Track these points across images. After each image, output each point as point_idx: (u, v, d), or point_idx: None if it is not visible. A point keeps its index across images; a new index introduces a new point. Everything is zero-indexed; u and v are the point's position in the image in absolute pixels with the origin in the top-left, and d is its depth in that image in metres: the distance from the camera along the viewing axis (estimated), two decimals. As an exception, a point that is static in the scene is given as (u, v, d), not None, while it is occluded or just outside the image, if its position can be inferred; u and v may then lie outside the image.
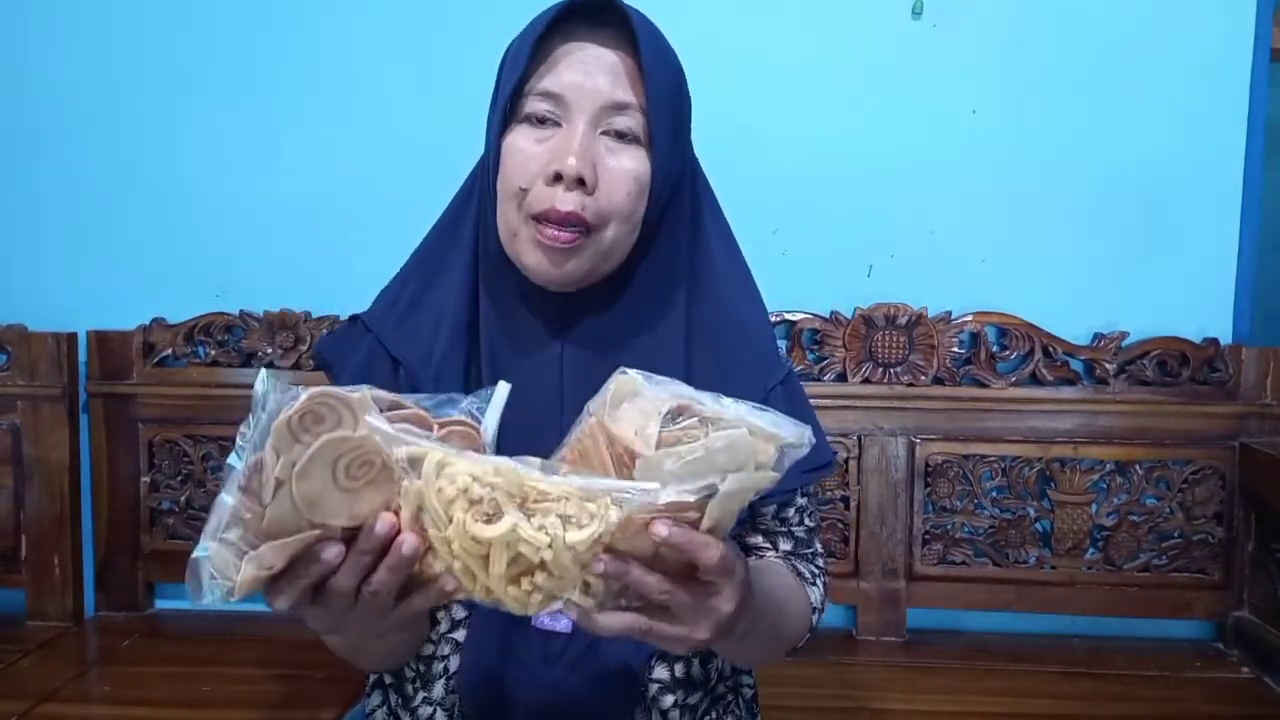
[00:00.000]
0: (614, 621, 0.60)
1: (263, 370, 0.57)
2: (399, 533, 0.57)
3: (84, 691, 1.45)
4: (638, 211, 0.81)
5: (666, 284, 0.87)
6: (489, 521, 0.54)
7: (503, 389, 0.64)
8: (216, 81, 1.70)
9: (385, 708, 0.95)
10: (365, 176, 1.69)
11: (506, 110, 0.80)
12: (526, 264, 0.81)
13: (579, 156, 0.77)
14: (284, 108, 1.70)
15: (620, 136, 0.80)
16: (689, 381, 0.67)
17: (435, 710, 0.89)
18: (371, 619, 0.62)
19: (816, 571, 0.93)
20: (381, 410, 0.57)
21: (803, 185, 1.65)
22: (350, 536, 0.57)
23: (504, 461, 0.54)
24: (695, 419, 0.56)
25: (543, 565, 0.54)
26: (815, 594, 0.91)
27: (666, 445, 0.56)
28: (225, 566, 0.54)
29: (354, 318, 0.91)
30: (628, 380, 0.61)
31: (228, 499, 0.54)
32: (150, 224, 1.73)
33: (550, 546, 0.54)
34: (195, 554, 0.54)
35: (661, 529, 0.56)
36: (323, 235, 1.71)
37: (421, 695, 0.90)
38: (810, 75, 1.63)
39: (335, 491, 0.55)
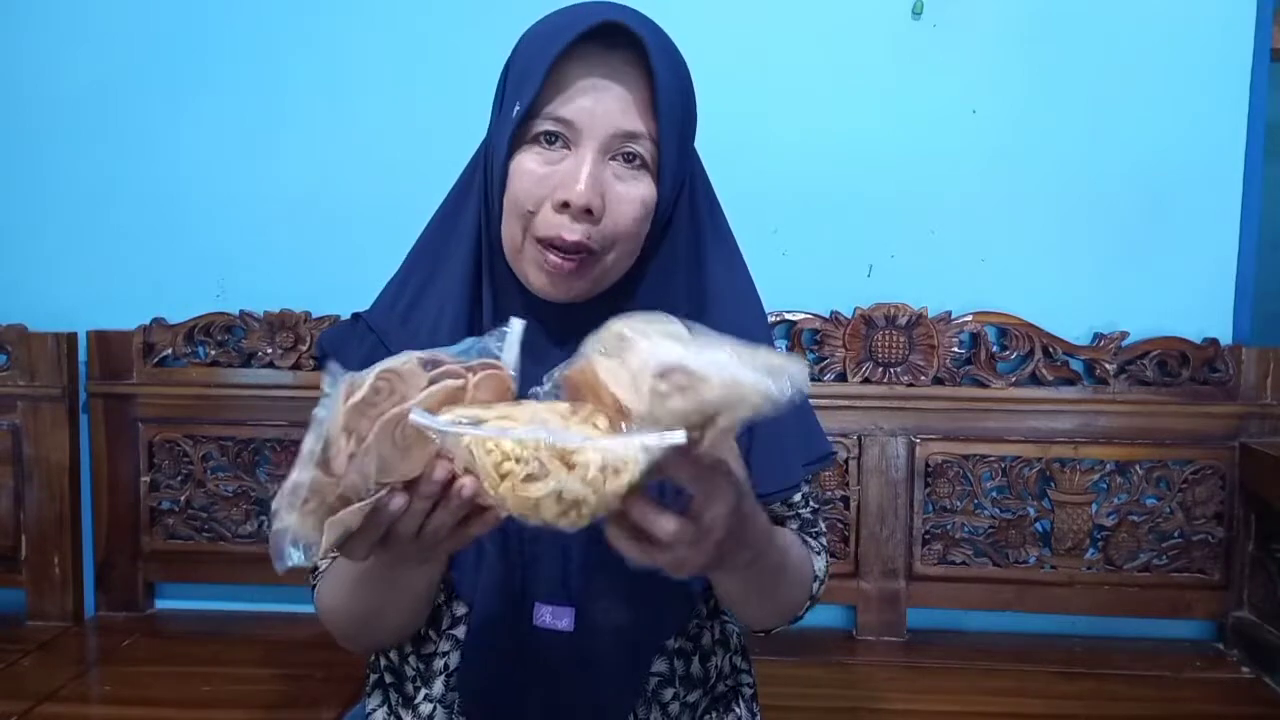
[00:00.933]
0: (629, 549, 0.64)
1: (331, 363, 0.62)
2: (454, 477, 0.61)
3: (84, 691, 1.45)
4: (641, 234, 0.82)
5: (666, 293, 0.87)
6: (535, 479, 0.58)
7: (516, 324, 0.68)
8: (216, 81, 1.70)
9: (385, 708, 0.95)
10: (365, 176, 1.69)
11: (515, 126, 0.79)
12: (530, 281, 0.82)
13: (588, 186, 0.76)
14: (284, 108, 1.70)
15: (629, 161, 0.79)
16: None
17: (435, 707, 0.89)
18: (430, 550, 0.66)
19: (821, 546, 0.94)
20: (425, 367, 0.63)
21: (803, 185, 1.65)
22: (410, 483, 0.63)
23: (543, 434, 0.58)
24: (684, 376, 0.58)
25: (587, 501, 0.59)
26: (819, 563, 0.92)
27: (659, 395, 0.58)
28: (307, 533, 0.60)
29: (356, 316, 0.91)
30: (620, 329, 0.62)
31: (305, 475, 0.59)
32: (150, 224, 1.73)
33: (594, 494, 0.58)
34: (275, 527, 0.60)
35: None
36: (323, 235, 1.71)
37: (423, 693, 0.90)
38: (810, 75, 1.63)
39: (395, 453, 0.61)
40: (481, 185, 0.86)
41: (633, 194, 0.79)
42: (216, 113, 1.70)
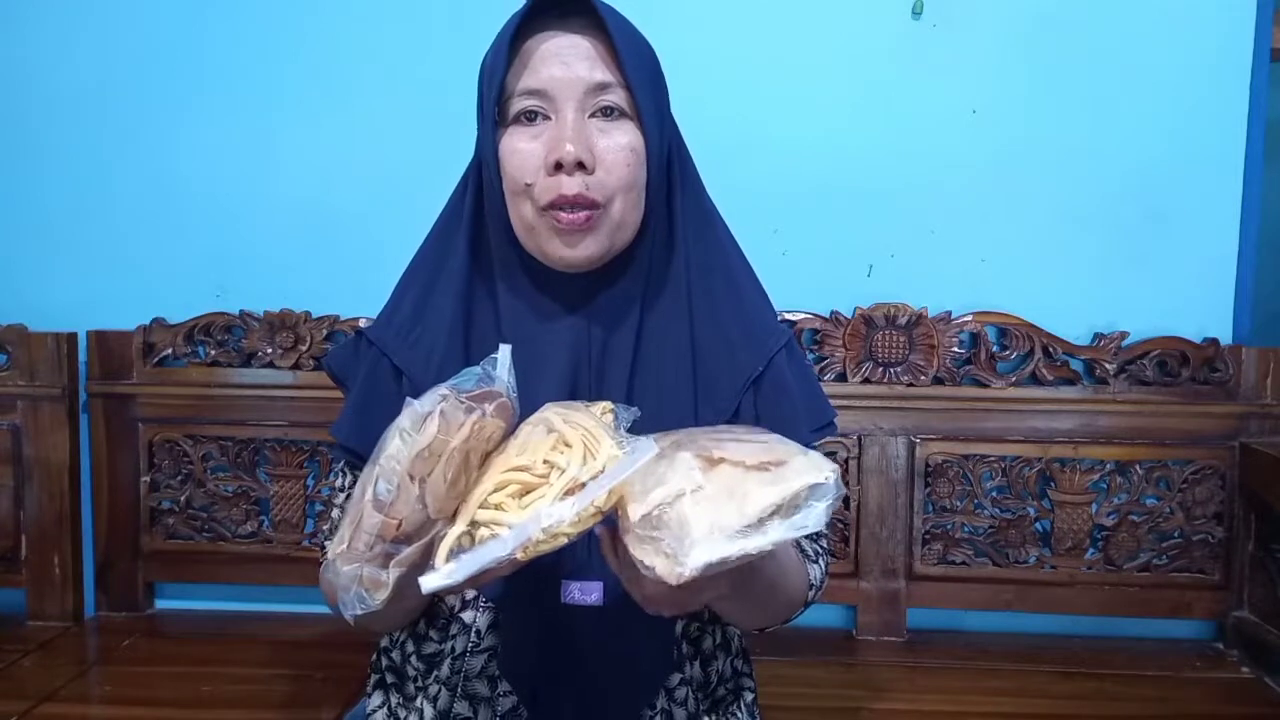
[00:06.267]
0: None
1: (404, 414, 0.67)
2: None
3: (84, 691, 1.45)
4: (640, 181, 0.84)
5: (666, 256, 0.89)
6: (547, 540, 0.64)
7: (505, 350, 0.73)
8: (216, 81, 1.70)
9: (386, 708, 0.96)
10: (365, 176, 1.69)
11: (495, 115, 0.83)
12: (548, 252, 0.84)
13: (573, 142, 0.80)
14: (283, 107, 1.70)
15: (608, 114, 0.83)
16: (695, 350, 0.86)
17: (440, 689, 0.90)
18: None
19: (820, 550, 0.95)
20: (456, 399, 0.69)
21: (803, 185, 1.65)
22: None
23: (533, 530, 0.63)
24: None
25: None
26: (815, 571, 0.93)
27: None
28: (374, 575, 0.64)
29: (358, 334, 0.93)
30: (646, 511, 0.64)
31: (372, 521, 0.64)
32: (150, 224, 1.73)
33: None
34: (338, 579, 0.64)
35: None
36: (323, 235, 1.71)
37: (433, 674, 0.91)
38: (810, 75, 1.63)
39: (445, 487, 0.65)
40: (475, 191, 0.88)
41: (619, 142, 0.82)
42: (217, 112, 1.70)
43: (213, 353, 1.71)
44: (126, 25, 1.70)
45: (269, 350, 1.69)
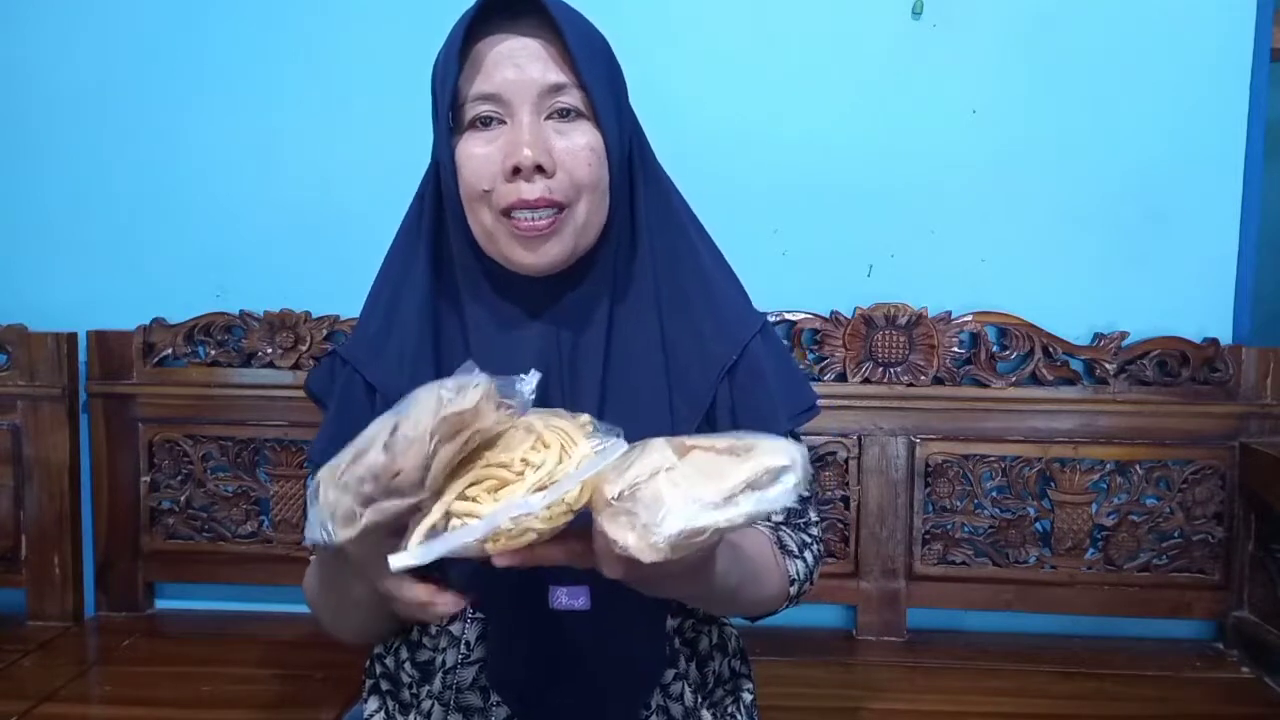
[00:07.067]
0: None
1: (469, 373, 0.65)
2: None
3: (84, 691, 1.45)
4: (602, 181, 0.83)
5: (631, 254, 0.88)
6: (518, 532, 0.64)
7: (534, 375, 0.71)
8: (216, 82, 1.70)
9: (383, 712, 0.96)
10: (365, 176, 1.69)
11: (449, 121, 0.82)
12: (510, 258, 0.82)
13: (531, 146, 0.78)
14: (284, 108, 1.70)
15: (565, 115, 0.81)
16: (666, 345, 0.84)
17: (433, 704, 0.89)
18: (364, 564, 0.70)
19: (807, 541, 0.92)
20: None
21: (802, 185, 1.65)
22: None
23: (502, 520, 0.62)
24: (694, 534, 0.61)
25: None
26: (797, 566, 0.90)
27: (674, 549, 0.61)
28: (347, 510, 0.63)
29: (333, 352, 0.93)
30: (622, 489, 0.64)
31: (376, 457, 0.62)
32: (150, 224, 1.73)
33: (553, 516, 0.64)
34: (316, 499, 0.64)
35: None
36: (323, 235, 1.71)
37: (425, 689, 0.91)
38: (810, 75, 1.63)
39: (449, 463, 0.64)
40: (434, 198, 0.88)
41: (578, 143, 0.81)
42: (217, 112, 1.70)
43: (213, 353, 1.71)
44: (126, 25, 1.70)
45: (269, 350, 1.69)
